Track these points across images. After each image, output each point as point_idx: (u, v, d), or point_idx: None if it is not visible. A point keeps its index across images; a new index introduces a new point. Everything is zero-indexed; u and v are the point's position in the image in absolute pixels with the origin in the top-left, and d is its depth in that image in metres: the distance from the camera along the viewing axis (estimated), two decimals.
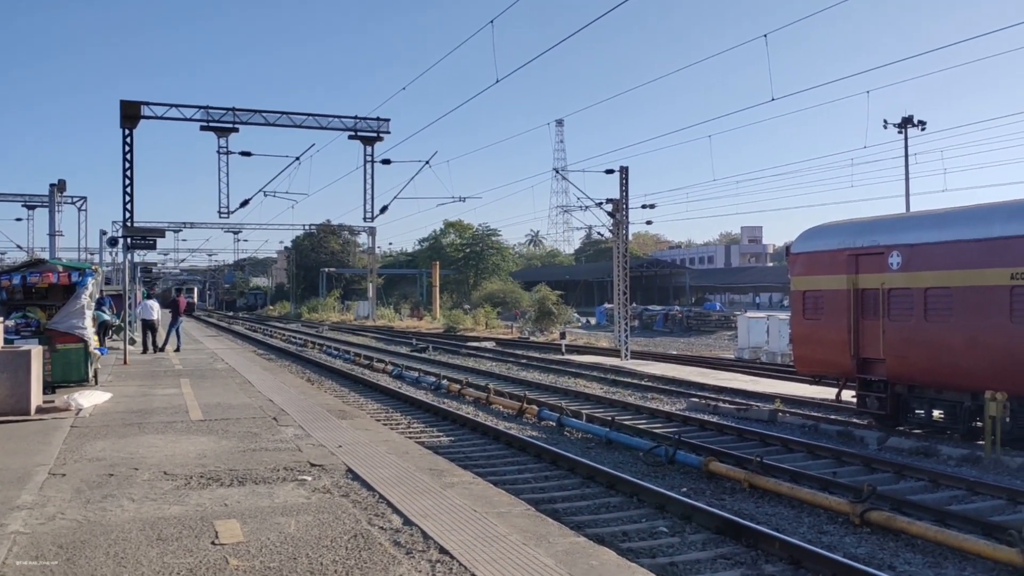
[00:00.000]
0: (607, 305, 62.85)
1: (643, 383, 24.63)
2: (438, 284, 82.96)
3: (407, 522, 6.89)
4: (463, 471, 9.16)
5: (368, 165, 33.25)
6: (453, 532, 6.57)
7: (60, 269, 17.51)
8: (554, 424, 16.78)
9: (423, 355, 37.24)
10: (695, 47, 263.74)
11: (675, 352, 37.97)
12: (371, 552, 6.07)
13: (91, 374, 17.23)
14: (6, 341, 14.92)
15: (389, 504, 7.49)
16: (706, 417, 17.73)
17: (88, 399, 14.25)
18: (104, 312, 26.95)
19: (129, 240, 25.04)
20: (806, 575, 7.92)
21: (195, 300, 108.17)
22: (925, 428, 15.53)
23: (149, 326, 28.03)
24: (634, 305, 58.78)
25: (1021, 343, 13.12)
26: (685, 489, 11.48)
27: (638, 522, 9.87)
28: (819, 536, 9.34)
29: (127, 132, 27.45)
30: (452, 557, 5.92)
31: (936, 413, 15.32)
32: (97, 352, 18.27)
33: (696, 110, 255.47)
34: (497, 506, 7.44)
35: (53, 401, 14.04)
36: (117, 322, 30.23)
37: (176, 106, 28.88)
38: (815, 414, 17.81)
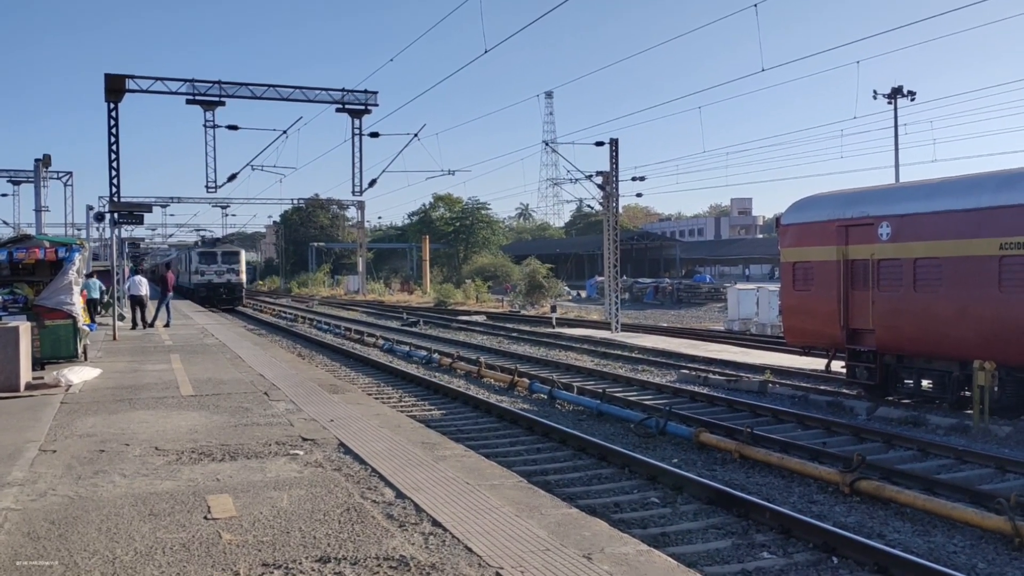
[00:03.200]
0: (598, 278, 62.91)
1: (633, 355, 24.69)
2: (428, 258, 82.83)
3: (400, 495, 6.90)
4: (455, 444, 9.17)
5: (356, 138, 33.05)
6: (446, 504, 6.58)
7: (47, 245, 17.38)
8: (545, 397, 16.82)
9: (414, 329, 37.23)
10: (685, 17, 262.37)
11: (665, 324, 38.06)
12: (364, 525, 6.08)
13: (80, 350, 17.17)
14: None
15: (381, 477, 7.49)
16: (696, 389, 17.80)
17: (78, 375, 14.20)
18: (94, 288, 26.85)
19: (116, 215, 24.86)
20: (796, 544, 7.98)
21: (242, 276, 54.78)
22: (914, 398, 15.63)
23: (138, 302, 27.91)
24: (624, 278, 58.86)
25: (1010, 312, 13.19)
26: (676, 460, 11.53)
27: (630, 493, 9.92)
28: (809, 505, 9.41)
29: (112, 106, 27.16)
30: (445, 529, 5.93)
31: (925, 383, 15.41)
32: (86, 328, 18.20)
33: (686, 81, 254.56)
34: (489, 478, 7.46)
35: (42, 377, 13.98)
36: (107, 299, 30.10)
37: (162, 79, 28.56)
38: (805, 385, 17.89)
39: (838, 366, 17.31)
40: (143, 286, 28.31)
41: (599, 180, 34.97)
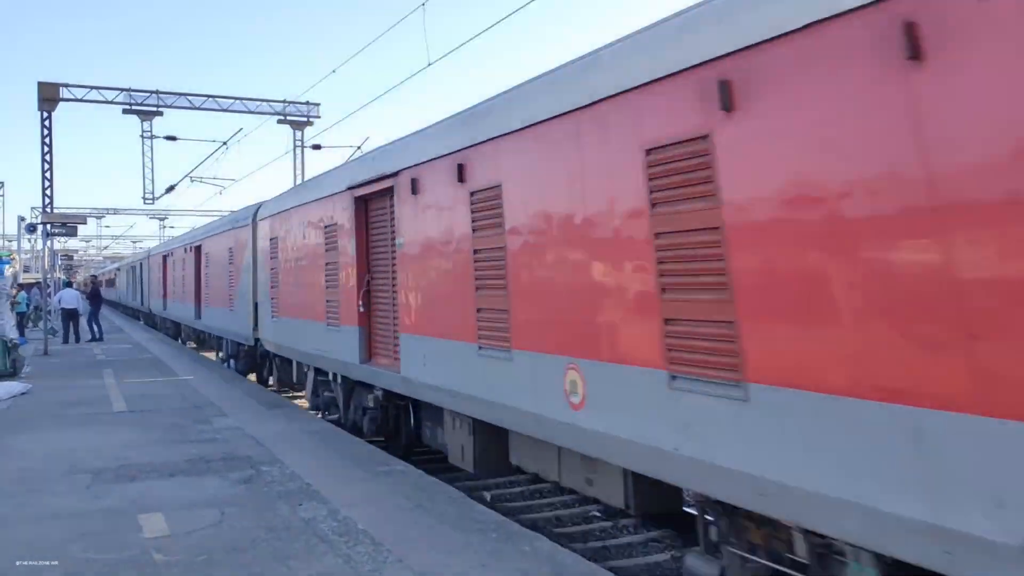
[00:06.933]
0: None
1: None
2: None
3: (337, 512, 6.82)
4: (396, 460, 9.11)
5: (298, 150, 32.83)
6: (384, 521, 6.52)
7: None
8: None
9: None
10: (628, 28, 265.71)
11: None
12: (299, 543, 6.00)
13: (11, 365, 16.69)
14: None
15: (319, 494, 7.41)
16: None
17: (5, 391, 13.81)
18: (23, 302, 26.15)
19: (49, 227, 24.28)
20: None
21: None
22: None
23: (71, 315, 27.21)
24: None
25: None
26: None
27: (571, 507, 9.93)
28: None
29: (46, 115, 26.62)
30: (382, 545, 5.88)
31: None
32: (17, 342, 17.70)
33: None
34: (430, 494, 7.41)
35: None
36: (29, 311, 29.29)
37: (97, 88, 28.08)
38: None
39: None
40: (76, 299, 27.61)
41: None
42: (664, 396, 4.98)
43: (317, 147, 33.11)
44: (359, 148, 31.99)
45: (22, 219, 38.40)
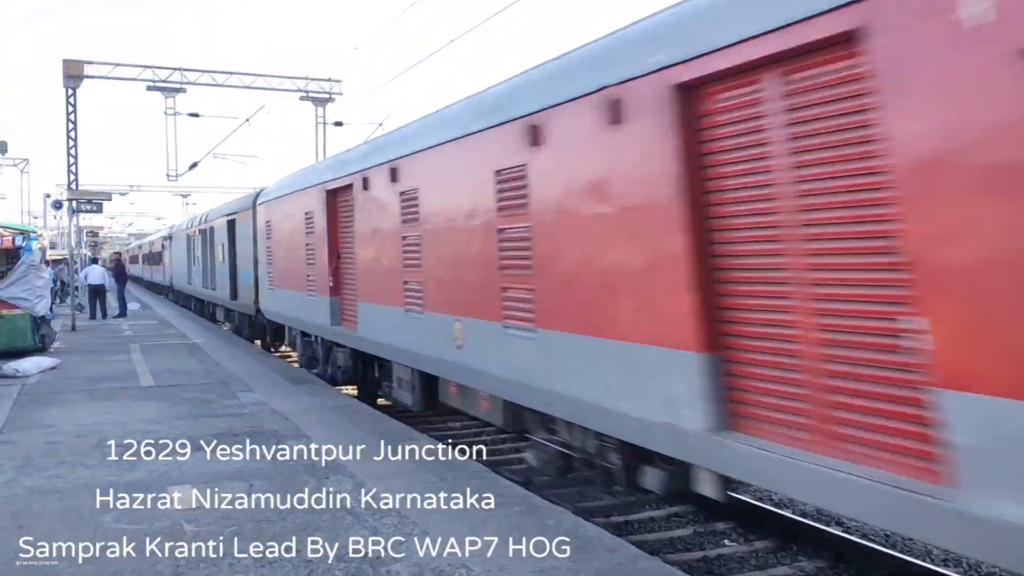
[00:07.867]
0: None
1: None
2: None
3: (363, 485, 6.89)
4: (419, 434, 9.19)
5: (320, 127, 32.85)
6: (409, 494, 6.58)
7: (3, 232, 17.06)
8: None
9: None
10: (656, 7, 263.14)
11: None
12: (326, 516, 6.08)
13: (40, 340, 16.90)
14: None
15: (345, 468, 7.49)
16: None
17: (35, 365, 13.99)
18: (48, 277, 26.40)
19: (74, 203, 24.50)
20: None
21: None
22: None
23: (97, 291, 27.49)
24: None
25: None
26: None
27: (595, 482, 9.97)
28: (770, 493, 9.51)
29: (70, 92, 26.80)
30: (408, 519, 5.95)
31: None
32: (48, 317, 17.90)
33: None
34: (453, 468, 7.48)
35: None
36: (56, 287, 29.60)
37: (121, 65, 28.20)
38: None
39: None
40: (102, 276, 27.88)
41: None
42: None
43: (339, 124, 33.17)
44: (381, 125, 31.89)
45: (48, 196, 38.67)
